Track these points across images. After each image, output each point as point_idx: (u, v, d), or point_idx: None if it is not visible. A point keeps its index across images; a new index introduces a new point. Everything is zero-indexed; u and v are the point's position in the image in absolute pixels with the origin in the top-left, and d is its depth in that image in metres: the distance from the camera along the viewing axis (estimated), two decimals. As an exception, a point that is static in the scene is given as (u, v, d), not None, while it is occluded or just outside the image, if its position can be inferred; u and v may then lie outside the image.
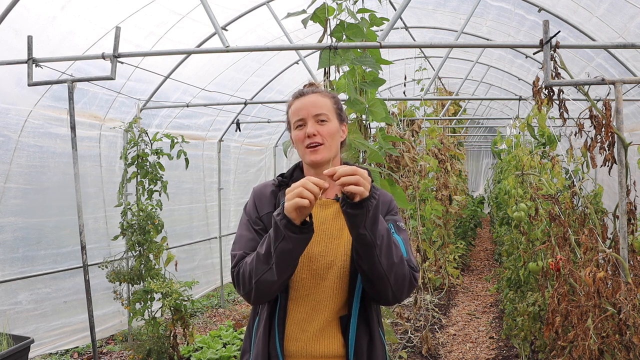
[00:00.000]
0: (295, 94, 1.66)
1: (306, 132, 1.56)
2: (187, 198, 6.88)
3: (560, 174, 3.80)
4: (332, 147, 1.60)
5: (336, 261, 1.56)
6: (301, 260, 1.54)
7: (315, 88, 1.67)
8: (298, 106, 1.61)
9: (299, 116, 1.59)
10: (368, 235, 1.40)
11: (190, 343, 4.69)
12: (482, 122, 13.35)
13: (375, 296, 1.53)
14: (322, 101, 1.61)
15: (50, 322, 4.74)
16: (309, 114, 1.58)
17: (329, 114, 1.61)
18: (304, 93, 1.64)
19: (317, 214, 1.62)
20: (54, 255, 4.77)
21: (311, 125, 1.57)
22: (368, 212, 1.37)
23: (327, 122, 1.59)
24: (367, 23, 2.80)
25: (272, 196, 1.65)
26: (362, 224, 1.38)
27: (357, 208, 1.36)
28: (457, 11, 5.82)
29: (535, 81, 2.70)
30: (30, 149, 4.50)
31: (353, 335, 1.54)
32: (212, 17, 3.45)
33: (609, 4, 4.05)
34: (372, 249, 1.42)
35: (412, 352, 5.06)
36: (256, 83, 6.77)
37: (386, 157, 3.73)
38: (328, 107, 1.62)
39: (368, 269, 1.46)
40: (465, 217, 9.73)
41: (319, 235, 1.59)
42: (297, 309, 1.57)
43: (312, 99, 1.61)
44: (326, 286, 1.56)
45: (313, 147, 1.57)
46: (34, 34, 3.45)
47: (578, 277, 2.49)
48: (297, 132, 1.60)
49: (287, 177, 1.70)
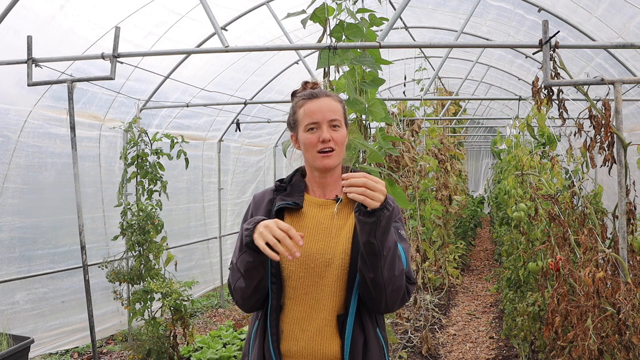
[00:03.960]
0: (306, 95, 1.62)
1: (321, 136, 1.54)
2: (185, 198, 6.87)
3: (560, 174, 3.80)
4: (342, 153, 1.61)
5: (334, 259, 1.56)
6: (299, 259, 1.55)
7: (325, 90, 1.65)
8: (312, 109, 1.57)
9: (314, 119, 1.56)
10: (377, 245, 1.41)
11: (190, 343, 4.69)
12: (482, 122, 13.35)
13: (369, 302, 1.55)
14: (335, 106, 1.60)
15: (48, 322, 4.74)
16: (325, 118, 1.56)
17: (341, 120, 1.60)
18: (316, 95, 1.60)
19: (316, 213, 1.62)
20: (51, 255, 4.77)
21: (326, 130, 1.55)
22: (379, 222, 1.38)
23: (340, 128, 1.58)
24: (367, 23, 2.80)
25: (268, 204, 1.65)
26: (372, 232, 1.40)
27: (369, 216, 1.38)
28: (456, 11, 5.82)
29: (535, 81, 2.70)
30: (29, 149, 4.50)
31: (349, 334, 1.54)
32: (211, 17, 3.45)
33: (608, 3, 4.05)
34: (378, 259, 1.44)
35: (412, 352, 5.06)
36: (256, 83, 6.77)
37: (386, 157, 3.73)
38: (340, 112, 1.61)
39: (369, 276, 1.47)
40: (465, 217, 9.72)
41: (317, 234, 1.59)
42: (296, 307, 1.57)
43: (327, 103, 1.58)
44: (325, 284, 1.56)
45: (326, 152, 1.56)
46: (33, 34, 3.44)
47: (578, 277, 2.49)
48: (308, 134, 1.57)
49: (286, 182, 1.69)
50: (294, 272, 1.56)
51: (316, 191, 1.67)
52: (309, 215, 1.62)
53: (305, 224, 1.61)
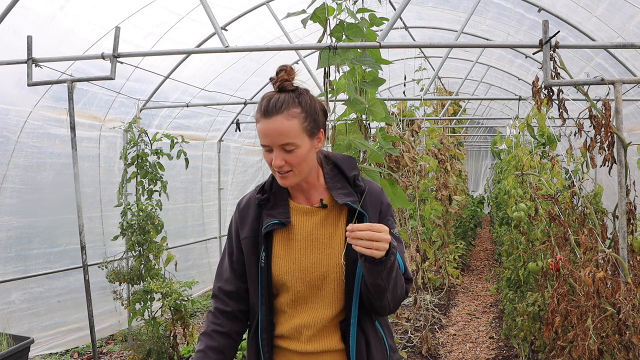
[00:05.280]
0: (262, 107, 1.48)
1: (273, 162, 1.47)
2: (182, 198, 6.87)
3: (560, 174, 3.80)
4: (303, 170, 1.51)
5: (329, 273, 1.54)
6: (295, 273, 1.54)
7: (281, 102, 1.47)
8: (263, 130, 1.47)
9: (265, 142, 1.48)
10: (383, 284, 1.43)
11: (190, 343, 4.69)
12: (482, 122, 13.35)
13: (371, 309, 1.56)
14: (287, 127, 1.44)
15: (43, 322, 4.73)
16: (274, 143, 1.46)
17: (297, 139, 1.46)
18: (269, 112, 1.45)
19: (303, 222, 1.58)
20: (47, 255, 4.77)
21: (277, 155, 1.46)
22: (386, 268, 1.39)
23: (295, 149, 1.46)
24: (367, 23, 2.80)
25: (254, 222, 1.61)
26: (379, 276, 1.40)
27: (375, 265, 1.38)
28: (457, 9, 5.82)
29: (535, 81, 2.70)
30: (29, 150, 4.50)
31: (354, 340, 1.53)
32: (211, 17, 3.45)
33: (608, 3, 4.05)
34: (384, 293, 1.46)
35: (412, 352, 5.06)
36: (256, 83, 6.77)
37: (386, 157, 3.73)
38: (295, 131, 1.45)
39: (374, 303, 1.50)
40: (465, 217, 9.72)
41: (309, 246, 1.56)
42: (296, 315, 1.57)
43: (277, 126, 1.44)
44: (323, 295, 1.55)
45: (282, 173, 1.51)
46: (33, 34, 3.44)
47: (578, 277, 2.49)
48: (265, 152, 1.51)
49: (267, 191, 1.62)
50: (293, 285, 1.55)
51: (298, 197, 1.62)
52: (297, 226, 1.58)
53: (294, 237, 1.57)
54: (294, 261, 1.55)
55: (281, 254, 1.56)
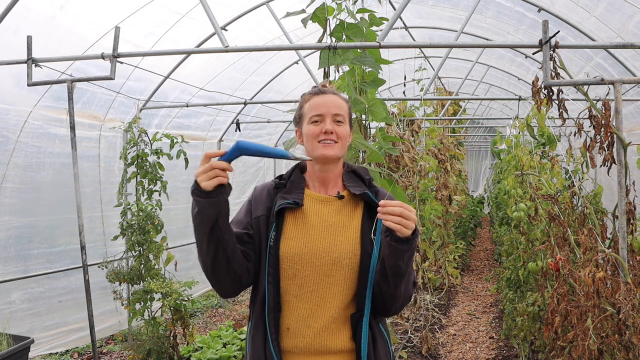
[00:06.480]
0: (314, 90, 1.68)
1: (324, 128, 1.59)
2: (183, 198, 6.85)
3: (560, 174, 3.79)
4: (344, 148, 1.65)
5: (342, 259, 1.56)
6: (305, 256, 1.56)
7: (333, 89, 1.71)
8: (318, 102, 1.63)
9: (318, 112, 1.62)
10: (403, 267, 1.47)
11: (190, 343, 4.69)
12: (482, 122, 13.35)
13: (379, 306, 1.59)
14: (341, 103, 1.66)
15: (44, 322, 4.73)
16: (329, 111, 1.61)
17: (345, 117, 1.65)
18: (324, 91, 1.67)
19: (319, 209, 1.63)
20: (47, 255, 4.77)
21: (329, 122, 1.61)
22: (410, 249, 1.43)
23: (343, 124, 1.63)
24: (367, 23, 2.80)
25: (268, 202, 1.66)
26: (402, 257, 1.44)
27: (402, 244, 1.41)
28: (457, 7, 5.82)
29: (535, 81, 2.70)
30: (29, 150, 4.50)
31: (366, 333, 1.55)
32: (211, 17, 3.45)
33: (607, 3, 4.05)
34: (402, 278, 1.51)
35: (412, 352, 5.06)
36: (256, 83, 6.76)
37: (386, 157, 3.73)
38: (345, 110, 1.66)
39: (389, 292, 1.53)
40: (465, 217, 9.72)
41: (322, 231, 1.59)
42: (302, 305, 1.56)
43: (332, 99, 1.64)
44: (331, 283, 1.56)
45: (327, 142, 1.59)
46: (33, 34, 3.44)
47: (577, 277, 2.49)
48: (311, 126, 1.62)
49: (285, 179, 1.70)
50: (300, 271, 1.56)
51: (317, 187, 1.67)
52: (311, 211, 1.62)
53: (308, 221, 1.60)
54: (306, 244, 1.57)
55: (292, 235, 1.59)
